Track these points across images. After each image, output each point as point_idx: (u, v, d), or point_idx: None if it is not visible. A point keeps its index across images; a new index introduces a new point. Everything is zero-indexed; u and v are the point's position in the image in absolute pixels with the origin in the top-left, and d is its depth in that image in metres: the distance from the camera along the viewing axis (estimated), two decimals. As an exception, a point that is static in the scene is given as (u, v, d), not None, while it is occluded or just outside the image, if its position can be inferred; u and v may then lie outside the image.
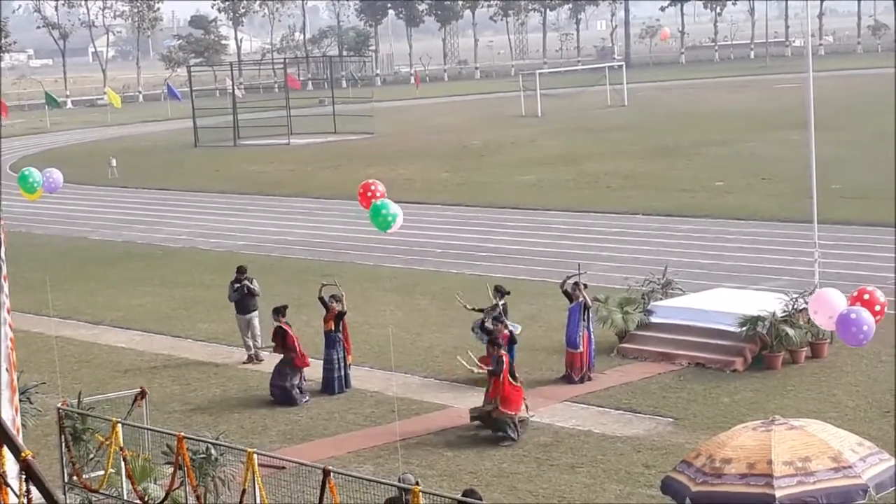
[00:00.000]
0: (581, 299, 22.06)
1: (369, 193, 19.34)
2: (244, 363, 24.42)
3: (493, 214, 41.75)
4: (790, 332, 21.86)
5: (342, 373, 22.29)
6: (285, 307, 22.51)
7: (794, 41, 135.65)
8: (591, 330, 22.23)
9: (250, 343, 24.58)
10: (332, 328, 22.36)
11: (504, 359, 19.29)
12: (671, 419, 19.70)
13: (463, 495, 13.58)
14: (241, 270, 24.96)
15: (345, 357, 22.36)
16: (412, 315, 27.60)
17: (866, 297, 14.97)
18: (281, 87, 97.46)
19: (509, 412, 18.98)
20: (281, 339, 21.98)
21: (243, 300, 24.59)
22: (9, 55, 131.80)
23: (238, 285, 24.63)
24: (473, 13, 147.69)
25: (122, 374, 24.09)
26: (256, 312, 24.61)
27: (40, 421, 19.14)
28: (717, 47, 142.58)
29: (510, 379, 19.27)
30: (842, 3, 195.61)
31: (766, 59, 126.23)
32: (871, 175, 42.97)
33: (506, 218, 40.79)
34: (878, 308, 14.87)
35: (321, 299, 22.67)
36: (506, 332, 20.80)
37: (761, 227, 35.87)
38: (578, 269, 22.67)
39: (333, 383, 22.15)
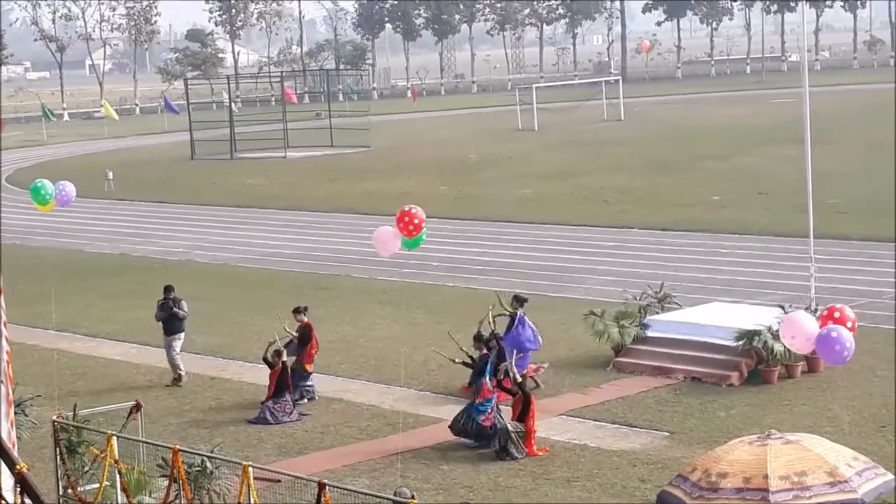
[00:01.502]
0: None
1: (409, 219, 18.94)
2: (169, 384, 23.98)
3: (490, 228, 41.75)
4: (776, 347, 21.72)
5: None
6: (283, 352, 22.02)
7: (790, 56, 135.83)
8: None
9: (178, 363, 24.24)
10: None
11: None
12: (667, 433, 19.68)
13: (458, 509, 13.58)
14: (166, 290, 24.51)
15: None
16: (407, 328, 27.57)
17: (837, 314, 14.97)
18: (278, 100, 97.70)
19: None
20: (279, 377, 21.48)
21: (169, 321, 24.21)
22: (6, 67, 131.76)
23: (161, 302, 24.29)
24: (470, 27, 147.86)
25: (117, 387, 24.05)
26: (180, 335, 24.16)
27: (35, 434, 19.11)
28: (713, 62, 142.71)
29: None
30: (838, 18, 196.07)
31: (763, 73, 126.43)
32: (868, 190, 43.03)
33: (503, 232, 40.80)
34: (849, 325, 14.89)
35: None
36: (484, 353, 20.68)
37: (757, 242, 35.88)
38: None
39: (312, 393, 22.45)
